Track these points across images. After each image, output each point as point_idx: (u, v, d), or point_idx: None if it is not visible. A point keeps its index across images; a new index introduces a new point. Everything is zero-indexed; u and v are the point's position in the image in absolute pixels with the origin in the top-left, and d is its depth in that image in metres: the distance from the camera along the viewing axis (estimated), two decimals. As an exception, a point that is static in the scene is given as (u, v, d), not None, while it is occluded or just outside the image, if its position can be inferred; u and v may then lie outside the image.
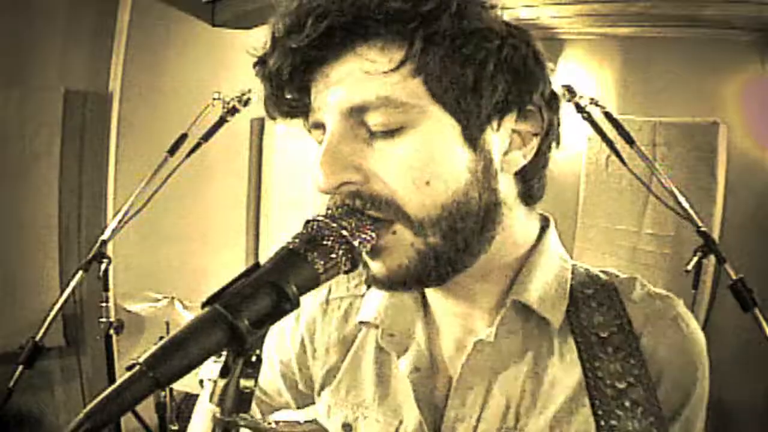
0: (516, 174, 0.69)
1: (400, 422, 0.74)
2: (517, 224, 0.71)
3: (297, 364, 0.87)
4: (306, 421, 0.84)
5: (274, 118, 0.70)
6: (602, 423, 0.64)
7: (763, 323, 1.74)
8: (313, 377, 0.85)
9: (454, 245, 0.65)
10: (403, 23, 0.60)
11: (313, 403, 0.87)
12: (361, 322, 0.80)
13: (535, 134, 0.68)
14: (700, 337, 0.72)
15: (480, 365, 0.71)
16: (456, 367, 0.72)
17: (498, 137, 0.66)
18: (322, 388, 0.83)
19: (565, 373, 0.69)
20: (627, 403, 0.65)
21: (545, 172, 0.72)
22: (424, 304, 0.78)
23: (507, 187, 0.69)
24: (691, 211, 1.94)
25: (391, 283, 0.67)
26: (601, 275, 0.76)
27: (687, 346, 0.70)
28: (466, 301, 0.73)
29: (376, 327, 0.77)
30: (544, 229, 0.76)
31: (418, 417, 0.72)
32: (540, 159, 0.70)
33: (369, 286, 0.81)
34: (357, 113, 0.63)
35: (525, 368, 0.70)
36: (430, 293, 0.76)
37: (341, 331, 0.82)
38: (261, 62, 0.66)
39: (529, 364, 0.70)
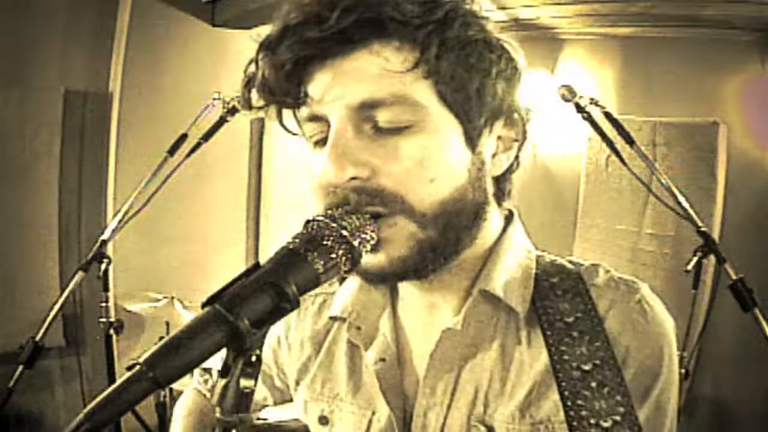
0: (493, 176, 0.73)
1: (373, 413, 0.75)
2: (490, 220, 0.74)
3: (273, 360, 0.90)
4: (291, 419, 0.85)
5: (250, 108, 0.71)
6: (569, 404, 0.66)
7: (763, 323, 1.74)
8: (288, 373, 0.88)
9: (447, 239, 0.68)
10: (420, 27, 0.63)
11: (290, 399, 0.89)
12: (331, 317, 0.81)
13: (516, 140, 0.73)
14: (666, 318, 0.72)
15: (448, 353, 0.72)
16: (425, 357, 0.73)
17: (490, 141, 0.71)
18: (297, 383, 0.85)
19: (532, 359, 0.70)
20: (593, 384, 0.66)
21: (513, 176, 0.77)
22: (392, 297, 0.80)
23: (489, 188, 0.73)
24: (691, 211, 1.94)
25: (388, 274, 0.68)
26: (567, 264, 0.77)
27: (651, 328, 0.70)
28: (436, 293, 0.75)
29: (345, 321, 0.79)
30: (508, 221, 0.78)
31: (387, 407, 0.73)
32: (513, 164, 0.75)
33: (341, 283, 0.82)
34: (367, 109, 0.64)
35: (493, 355, 0.72)
36: (401, 286, 0.78)
37: (315, 327, 0.85)
38: (267, 49, 0.66)
39: (496, 351, 0.72)
